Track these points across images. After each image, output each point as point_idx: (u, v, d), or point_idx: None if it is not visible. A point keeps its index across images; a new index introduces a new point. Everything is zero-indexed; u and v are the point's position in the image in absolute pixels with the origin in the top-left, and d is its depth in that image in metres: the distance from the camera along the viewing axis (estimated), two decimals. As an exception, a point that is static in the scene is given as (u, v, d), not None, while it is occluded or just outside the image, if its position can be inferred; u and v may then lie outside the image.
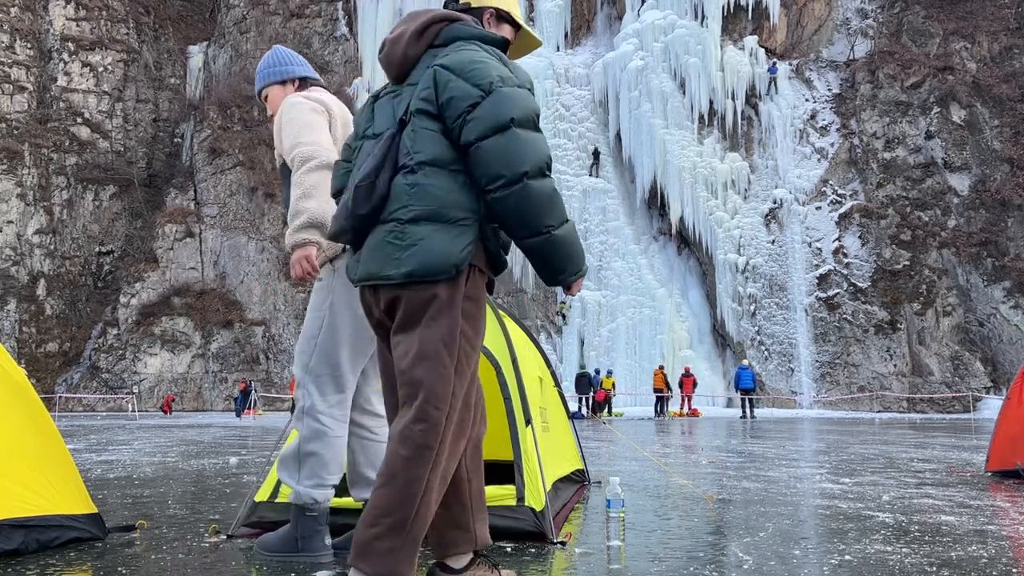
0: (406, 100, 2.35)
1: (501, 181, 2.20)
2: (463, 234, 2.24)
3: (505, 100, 2.22)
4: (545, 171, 2.25)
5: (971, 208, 35.38)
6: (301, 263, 2.97)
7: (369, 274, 2.30)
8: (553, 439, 4.66)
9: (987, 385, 32.26)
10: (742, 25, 40.14)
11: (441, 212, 2.24)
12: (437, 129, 2.27)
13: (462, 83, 2.24)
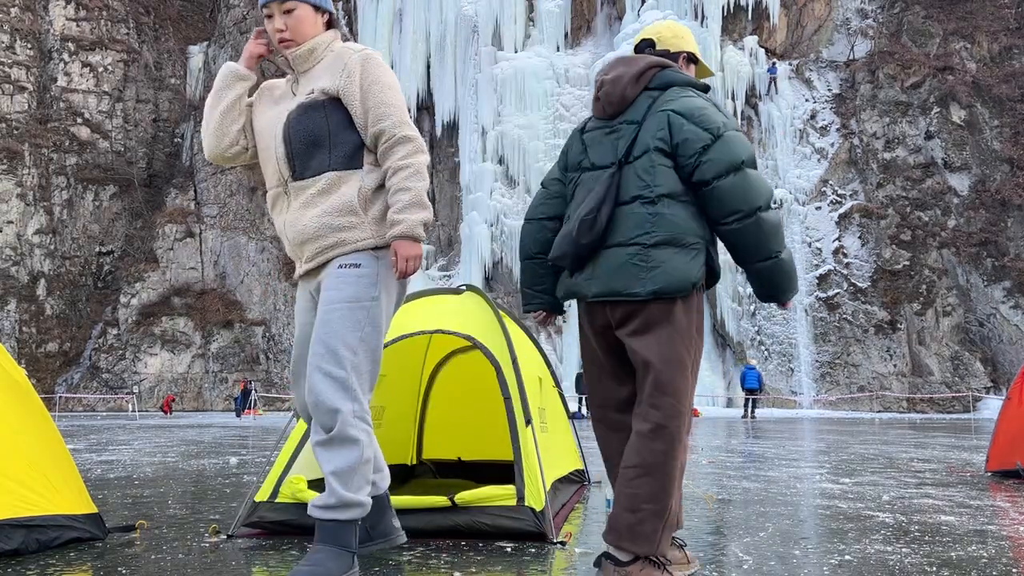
0: (627, 137, 2.70)
1: (739, 215, 2.55)
2: (697, 256, 2.61)
3: (734, 143, 2.58)
4: (772, 204, 2.61)
5: (971, 208, 35.38)
6: (414, 261, 2.61)
7: (612, 291, 2.62)
8: (552, 439, 4.67)
9: (987, 385, 32.26)
10: (742, 25, 40.15)
11: (679, 238, 2.59)
12: (670, 165, 2.63)
13: (693, 127, 2.59)
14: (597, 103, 2.78)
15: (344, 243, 2.66)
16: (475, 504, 3.52)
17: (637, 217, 2.60)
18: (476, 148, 40.68)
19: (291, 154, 2.68)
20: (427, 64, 45.08)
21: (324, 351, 2.58)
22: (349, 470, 2.56)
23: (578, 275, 2.71)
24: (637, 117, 2.69)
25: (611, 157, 2.71)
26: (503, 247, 38.93)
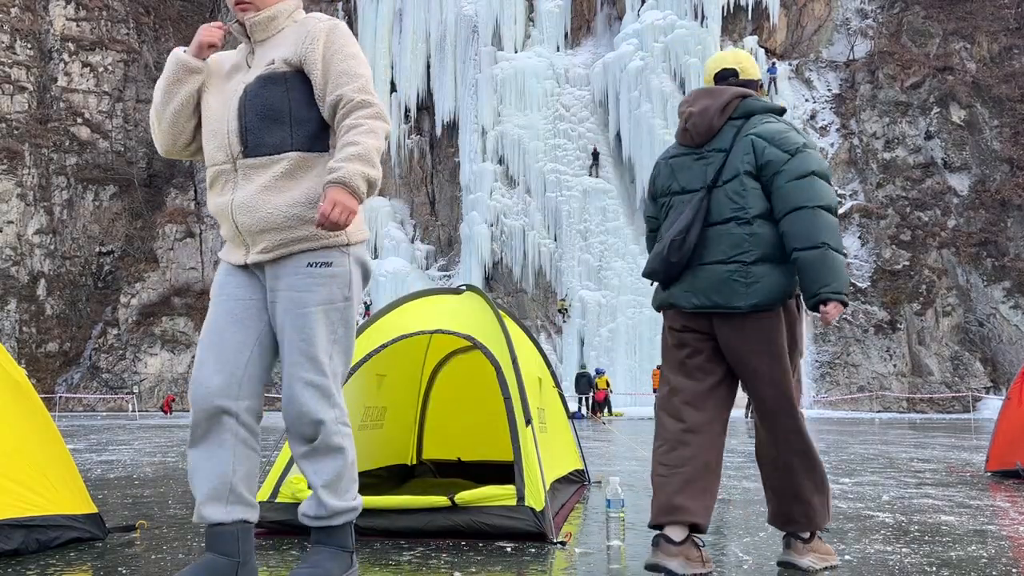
0: (716, 164, 2.95)
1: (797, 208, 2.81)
2: (788, 271, 2.90)
3: (807, 158, 2.86)
4: (833, 210, 2.85)
5: (971, 208, 35.39)
6: (343, 211, 2.32)
7: (714, 303, 2.88)
8: (551, 439, 4.67)
9: (987, 385, 32.27)
10: (742, 25, 40.15)
11: (773, 255, 2.87)
12: (759, 187, 2.90)
13: (775, 149, 2.86)
14: (685, 133, 3.03)
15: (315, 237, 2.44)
16: (475, 504, 3.52)
17: (734, 237, 2.88)
18: (476, 148, 40.69)
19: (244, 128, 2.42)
20: (427, 64, 45.08)
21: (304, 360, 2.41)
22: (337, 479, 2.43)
23: (674, 288, 3.00)
24: (724, 145, 2.96)
25: (700, 182, 2.98)
26: (503, 247, 38.94)
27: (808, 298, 2.84)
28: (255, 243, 2.46)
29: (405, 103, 45.48)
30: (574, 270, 37.50)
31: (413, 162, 45.87)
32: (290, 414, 2.42)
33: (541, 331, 37.50)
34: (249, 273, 2.54)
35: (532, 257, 38.42)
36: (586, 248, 37.64)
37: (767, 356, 2.88)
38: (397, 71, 45.84)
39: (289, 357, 2.44)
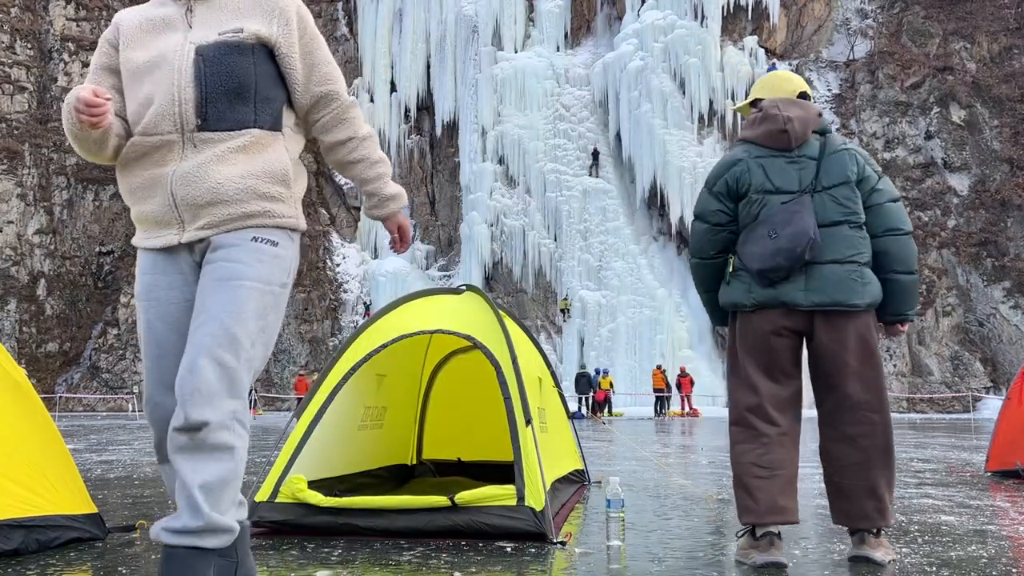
0: (809, 169, 3.13)
1: (898, 232, 3.09)
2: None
3: (890, 183, 3.19)
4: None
5: (971, 208, 35.39)
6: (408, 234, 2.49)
7: (835, 301, 3.02)
8: (551, 439, 4.67)
9: (987, 385, 32.27)
10: (742, 25, 40.16)
11: (870, 259, 3.11)
12: (859, 197, 3.13)
13: (869, 168, 3.15)
14: (783, 135, 3.15)
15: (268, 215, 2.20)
16: (475, 504, 3.52)
17: (849, 239, 3.06)
18: (476, 148, 40.69)
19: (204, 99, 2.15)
20: (427, 64, 45.09)
21: (222, 335, 2.10)
22: (221, 484, 2.04)
23: (784, 285, 3.05)
24: (813, 153, 3.16)
25: (796, 185, 3.12)
26: (503, 247, 38.94)
27: (892, 314, 3.12)
28: (196, 218, 2.16)
29: (405, 103, 45.48)
30: (574, 270, 37.50)
31: (413, 162, 45.87)
32: (183, 391, 2.05)
33: (541, 331, 37.50)
34: (177, 265, 2.23)
35: (532, 257, 38.42)
36: (586, 248, 37.64)
37: (864, 353, 3.05)
38: (397, 71, 45.83)
39: (204, 327, 2.10)
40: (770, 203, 3.11)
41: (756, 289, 3.09)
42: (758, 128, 3.20)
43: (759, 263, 3.05)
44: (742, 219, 3.17)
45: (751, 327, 3.11)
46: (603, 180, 39.04)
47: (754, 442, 3.06)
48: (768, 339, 3.09)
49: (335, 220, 45.35)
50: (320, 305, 41.77)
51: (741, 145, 3.26)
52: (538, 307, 38.24)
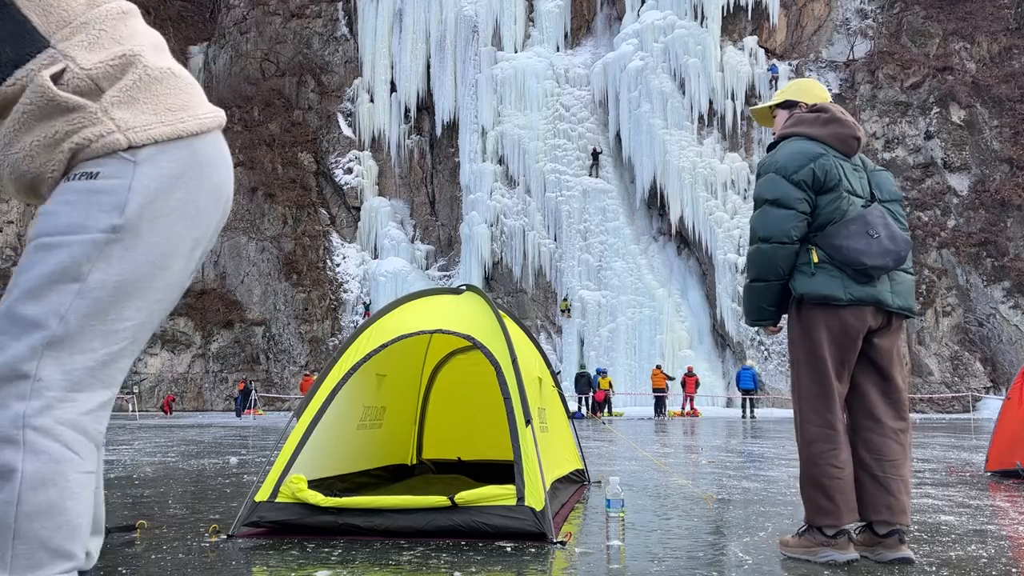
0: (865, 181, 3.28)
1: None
2: None
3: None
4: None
5: (971, 208, 35.39)
6: None
7: (909, 306, 3.22)
8: (552, 439, 4.67)
9: (987, 385, 32.27)
10: (742, 25, 40.16)
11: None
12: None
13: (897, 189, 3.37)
14: (854, 141, 3.25)
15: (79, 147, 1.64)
16: (475, 504, 3.53)
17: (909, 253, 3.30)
18: (476, 148, 40.69)
19: None
20: (427, 64, 45.09)
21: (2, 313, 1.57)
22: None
23: (877, 285, 3.14)
24: (860, 165, 3.31)
25: (862, 191, 3.24)
26: (503, 247, 38.94)
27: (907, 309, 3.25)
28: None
29: (405, 103, 45.49)
30: (574, 270, 37.50)
31: (413, 162, 45.88)
32: None
33: (541, 331, 37.50)
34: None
35: (532, 257, 38.43)
36: (586, 248, 37.64)
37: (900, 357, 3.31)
38: (397, 71, 45.84)
39: None
40: (855, 203, 3.17)
41: (852, 285, 3.11)
42: (825, 128, 3.20)
43: (869, 259, 3.08)
44: (827, 214, 3.14)
45: (842, 322, 3.11)
46: (603, 180, 39.03)
47: (830, 442, 3.06)
48: (854, 335, 3.13)
49: (335, 220, 45.35)
50: (320, 305, 41.76)
51: (804, 140, 3.21)
52: (538, 307, 38.23)
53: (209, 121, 1.77)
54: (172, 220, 1.67)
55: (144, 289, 1.65)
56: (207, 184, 1.74)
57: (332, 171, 45.67)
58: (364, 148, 45.85)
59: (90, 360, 1.59)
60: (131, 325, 1.65)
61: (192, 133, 1.72)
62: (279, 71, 48.92)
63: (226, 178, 1.80)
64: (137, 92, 1.69)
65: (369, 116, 45.64)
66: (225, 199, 1.80)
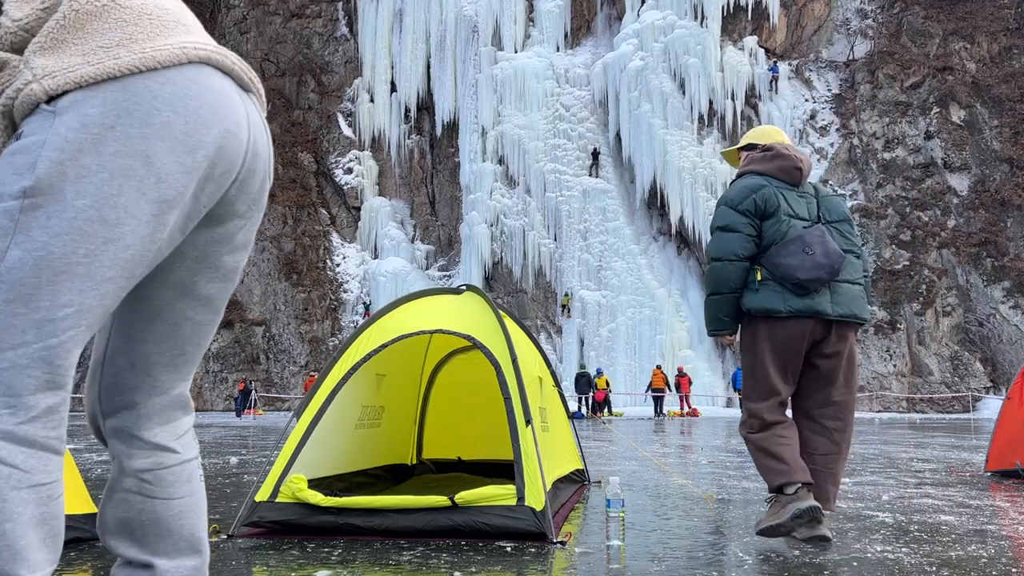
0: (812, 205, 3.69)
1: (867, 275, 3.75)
2: None
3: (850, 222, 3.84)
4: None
5: (971, 208, 35.39)
6: None
7: (852, 314, 3.56)
8: (553, 439, 4.67)
9: (987, 385, 32.26)
10: (742, 25, 40.16)
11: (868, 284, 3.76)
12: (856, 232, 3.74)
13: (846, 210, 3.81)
14: (796, 172, 3.69)
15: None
16: (475, 504, 3.53)
17: (855, 264, 3.66)
18: (476, 148, 40.69)
19: None
20: (427, 64, 45.09)
21: None
22: None
23: (816, 297, 3.52)
24: (810, 192, 3.74)
25: (807, 214, 3.65)
26: (503, 247, 38.93)
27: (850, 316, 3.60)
28: None
29: (405, 103, 45.49)
30: (574, 270, 37.50)
31: (413, 162, 45.89)
32: None
33: (541, 331, 37.49)
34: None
35: (532, 257, 38.43)
36: (586, 248, 37.64)
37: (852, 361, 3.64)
38: (397, 71, 45.84)
39: None
40: (795, 226, 3.59)
41: (791, 298, 3.51)
42: (771, 163, 3.69)
43: (803, 274, 3.47)
44: (769, 236, 3.59)
45: (783, 332, 3.51)
46: (603, 180, 39.03)
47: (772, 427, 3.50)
48: (795, 344, 3.52)
49: (335, 220, 45.35)
50: (320, 305, 41.76)
51: (753, 176, 3.68)
52: (538, 307, 38.23)
53: (166, 55, 1.39)
54: (105, 179, 1.32)
55: (82, 266, 1.31)
56: (163, 131, 1.36)
57: (332, 171, 45.65)
58: (364, 148, 45.84)
59: (23, 357, 1.28)
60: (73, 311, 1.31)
61: (130, 70, 1.35)
62: (279, 71, 48.92)
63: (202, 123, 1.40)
64: (64, 33, 1.38)
65: (369, 116, 45.62)
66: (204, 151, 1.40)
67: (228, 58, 1.48)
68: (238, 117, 1.47)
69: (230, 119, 1.45)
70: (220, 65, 1.47)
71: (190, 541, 1.58)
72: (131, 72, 1.35)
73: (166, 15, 1.46)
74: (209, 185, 1.45)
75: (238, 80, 1.51)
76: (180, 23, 1.47)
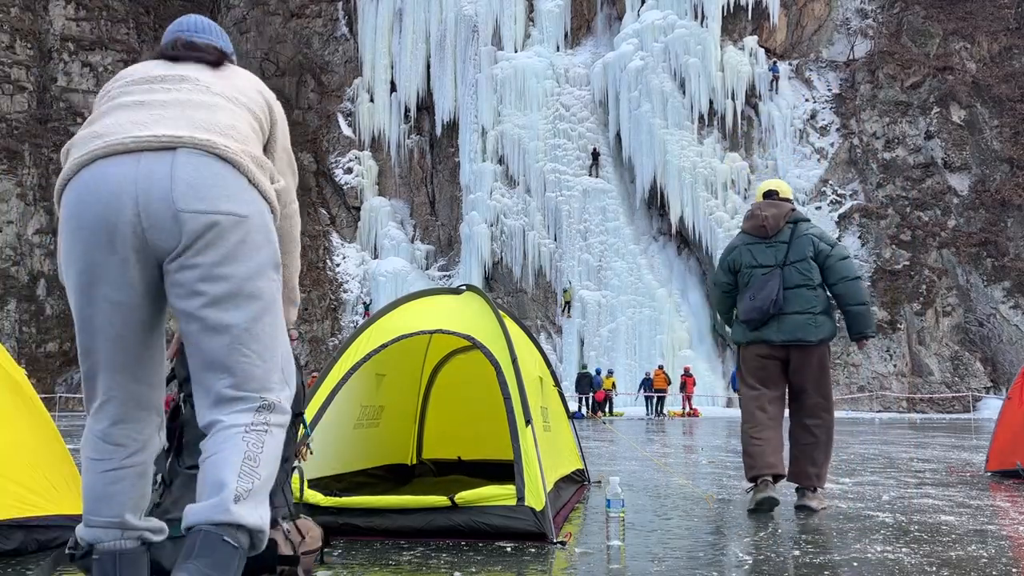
0: (782, 250, 4.63)
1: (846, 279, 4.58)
2: (833, 320, 4.62)
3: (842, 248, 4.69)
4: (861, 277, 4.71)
5: (971, 208, 35.38)
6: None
7: (797, 338, 4.52)
8: (554, 439, 4.66)
9: (987, 385, 32.26)
10: (742, 25, 40.14)
11: (826, 309, 4.59)
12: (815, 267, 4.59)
13: (823, 244, 4.63)
14: (762, 228, 4.68)
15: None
16: (475, 504, 3.52)
17: (806, 296, 4.54)
18: (476, 148, 40.67)
19: None
20: (427, 64, 45.07)
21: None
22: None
23: (764, 329, 4.58)
24: (785, 238, 4.66)
25: (772, 261, 4.63)
26: (503, 247, 38.92)
27: (855, 334, 4.63)
28: None
29: (405, 103, 45.47)
30: (574, 270, 37.49)
31: (413, 162, 45.88)
32: None
33: (541, 331, 37.48)
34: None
35: (532, 257, 38.41)
36: (586, 248, 37.63)
37: (820, 372, 4.60)
38: (397, 71, 45.82)
39: None
40: (754, 275, 4.64)
41: (748, 332, 4.67)
42: (747, 223, 4.78)
43: (744, 315, 4.63)
44: (740, 286, 4.73)
45: (748, 354, 4.70)
46: (603, 180, 39.01)
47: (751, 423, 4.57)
48: (759, 361, 4.66)
49: (335, 220, 45.34)
50: (320, 305, 41.75)
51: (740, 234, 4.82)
52: (538, 307, 38.21)
53: (64, 171, 2.02)
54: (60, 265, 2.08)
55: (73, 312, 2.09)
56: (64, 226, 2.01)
57: (332, 171, 45.63)
58: (364, 148, 45.82)
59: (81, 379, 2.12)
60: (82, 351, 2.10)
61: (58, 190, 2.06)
62: (279, 71, 48.93)
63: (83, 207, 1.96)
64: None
65: (369, 116, 45.61)
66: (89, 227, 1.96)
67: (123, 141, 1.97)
68: (116, 188, 1.93)
69: (106, 193, 1.93)
70: (110, 151, 1.97)
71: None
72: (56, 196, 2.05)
73: (88, 136, 2.01)
74: (117, 240, 1.95)
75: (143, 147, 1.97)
76: (95, 136, 2.00)
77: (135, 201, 1.92)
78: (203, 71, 2.23)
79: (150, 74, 2.18)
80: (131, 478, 2.11)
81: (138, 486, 2.12)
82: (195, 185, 1.95)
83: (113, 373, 2.07)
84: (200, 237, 1.95)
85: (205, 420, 2.07)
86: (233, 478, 1.93)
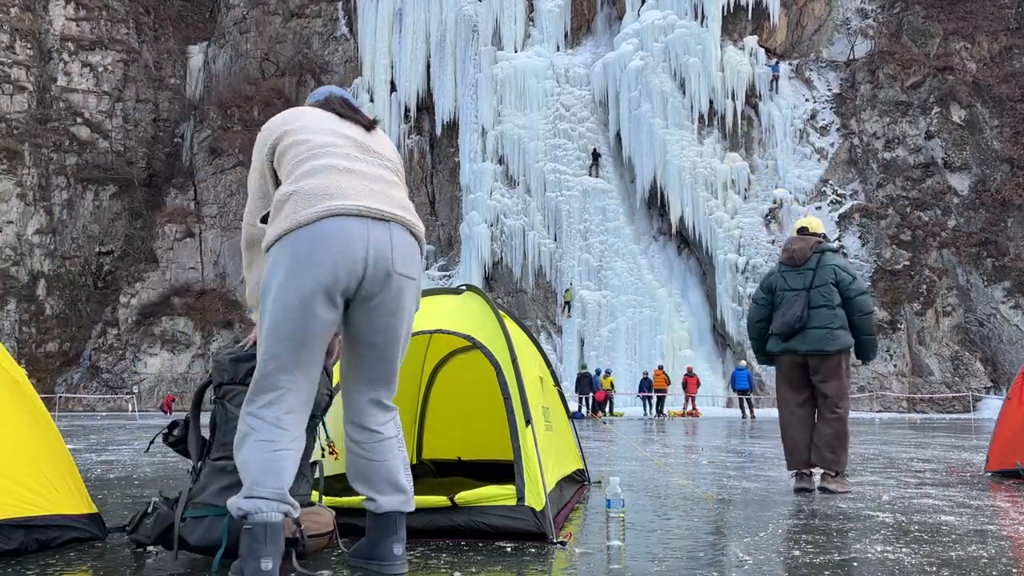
0: (808, 277, 5.66)
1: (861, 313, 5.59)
2: (848, 334, 5.60)
3: (860, 281, 5.66)
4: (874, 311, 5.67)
5: (971, 208, 35.38)
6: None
7: (816, 349, 5.53)
8: (555, 439, 4.66)
9: (987, 385, 32.26)
10: (742, 25, 40.14)
11: (844, 325, 5.57)
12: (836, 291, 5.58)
13: (845, 274, 5.62)
14: (791, 259, 5.74)
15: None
16: (475, 504, 3.52)
17: (827, 315, 5.54)
18: (476, 148, 40.67)
19: None
20: (427, 64, 45.08)
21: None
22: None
23: (791, 341, 5.62)
24: (812, 266, 5.69)
25: (801, 285, 5.67)
26: (503, 247, 38.92)
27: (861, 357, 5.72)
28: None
29: (405, 103, 45.48)
30: (574, 270, 37.49)
31: (413, 162, 45.88)
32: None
33: (541, 331, 37.48)
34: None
35: (532, 257, 38.41)
36: (586, 248, 37.63)
37: (837, 378, 5.56)
38: (397, 71, 45.83)
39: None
40: (786, 297, 5.70)
41: (779, 343, 5.71)
42: (783, 254, 5.84)
43: (775, 329, 5.70)
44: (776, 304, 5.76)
45: (782, 362, 5.74)
46: (603, 180, 39.02)
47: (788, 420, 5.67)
48: (790, 368, 5.71)
49: (335, 220, 45.36)
50: (320, 305, 41.74)
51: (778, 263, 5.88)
52: (538, 307, 38.22)
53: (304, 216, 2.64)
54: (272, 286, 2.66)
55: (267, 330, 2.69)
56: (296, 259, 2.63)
57: (332, 171, 45.65)
58: (364, 148, 45.82)
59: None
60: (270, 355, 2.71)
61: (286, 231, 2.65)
62: (279, 71, 48.95)
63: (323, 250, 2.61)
64: (273, 214, 2.73)
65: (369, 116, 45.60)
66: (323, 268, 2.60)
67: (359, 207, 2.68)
68: (352, 242, 2.63)
69: (343, 245, 2.62)
70: (348, 212, 2.65)
71: (394, 484, 2.84)
72: (286, 232, 2.64)
73: (320, 191, 2.67)
74: (342, 278, 2.62)
75: (372, 215, 2.70)
76: (327, 194, 2.67)
77: (366, 255, 2.64)
78: (371, 137, 3.00)
79: (340, 132, 2.91)
80: (292, 459, 2.62)
81: (293, 468, 2.63)
82: (403, 254, 2.74)
83: (295, 371, 2.64)
84: (399, 290, 2.73)
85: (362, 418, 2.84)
86: (406, 481, 2.88)
